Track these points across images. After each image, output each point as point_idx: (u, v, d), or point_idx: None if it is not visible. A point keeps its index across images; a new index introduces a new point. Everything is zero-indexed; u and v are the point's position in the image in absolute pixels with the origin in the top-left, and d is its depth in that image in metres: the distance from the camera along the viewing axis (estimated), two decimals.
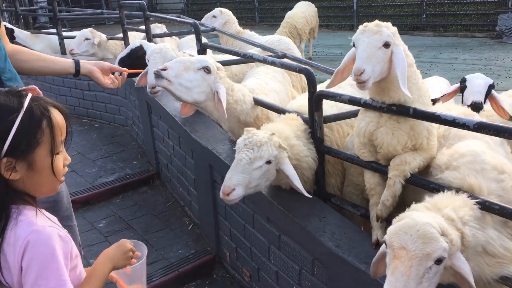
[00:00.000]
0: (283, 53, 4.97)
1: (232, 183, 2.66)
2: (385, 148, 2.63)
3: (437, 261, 1.87)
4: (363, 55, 2.38)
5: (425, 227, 1.89)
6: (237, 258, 4.04)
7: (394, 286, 1.84)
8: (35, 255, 1.53)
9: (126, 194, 5.55)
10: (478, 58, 12.74)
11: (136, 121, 6.48)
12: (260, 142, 2.70)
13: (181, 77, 3.12)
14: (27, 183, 1.61)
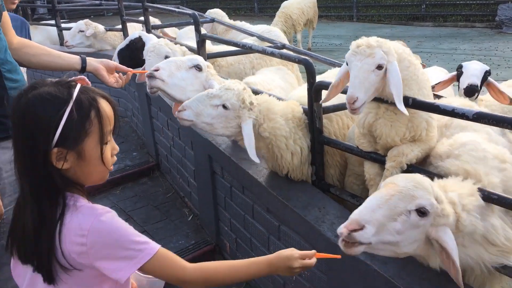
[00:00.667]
0: (282, 43, 4.96)
1: (186, 104, 2.78)
2: (383, 139, 2.64)
3: (419, 211, 1.89)
4: (355, 82, 2.36)
5: (423, 179, 1.96)
6: (237, 248, 4.05)
7: (369, 202, 1.91)
8: (105, 237, 1.58)
9: (126, 185, 5.57)
10: (477, 49, 12.71)
11: (136, 112, 6.47)
12: (228, 87, 2.80)
13: (174, 76, 3.20)
14: (78, 172, 1.64)
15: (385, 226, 1.87)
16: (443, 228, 1.95)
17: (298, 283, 3.21)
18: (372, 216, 1.86)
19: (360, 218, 1.85)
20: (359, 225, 1.84)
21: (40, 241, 1.56)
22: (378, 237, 1.87)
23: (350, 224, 1.85)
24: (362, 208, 1.89)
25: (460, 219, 2.02)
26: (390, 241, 1.91)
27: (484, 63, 3.77)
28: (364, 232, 1.84)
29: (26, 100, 1.56)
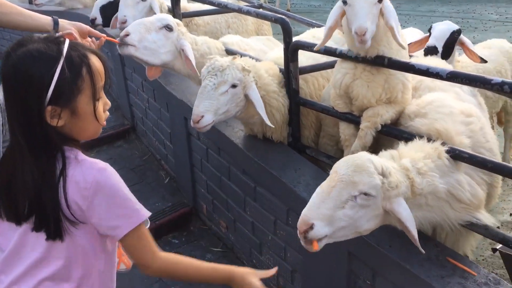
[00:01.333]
0: (259, 3, 4.86)
1: (200, 110, 2.67)
2: (360, 100, 2.64)
3: (364, 194, 1.93)
4: (362, 13, 2.33)
5: (363, 161, 1.97)
6: (213, 210, 4.08)
7: (313, 199, 1.96)
8: (107, 191, 1.59)
9: (100, 148, 5.48)
10: (455, 11, 12.73)
11: (109, 73, 6.32)
12: (222, 67, 2.70)
13: (145, 39, 3.09)
14: (72, 129, 1.63)
15: (335, 216, 1.93)
16: (395, 200, 1.99)
17: (274, 243, 3.26)
18: (318, 212, 1.92)
19: (306, 217, 1.92)
20: (307, 225, 1.91)
21: (42, 196, 1.56)
22: (332, 227, 1.94)
23: (300, 227, 1.93)
24: (307, 207, 1.96)
25: (414, 183, 2.06)
26: (345, 226, 1.97)
27: (461, 26, 3.77)
28: (316, 229, 1.91)
29: (15, 58, 1.53)
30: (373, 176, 1.94)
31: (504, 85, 1.99)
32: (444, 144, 2.22)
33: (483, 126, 2.47)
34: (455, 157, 2.21)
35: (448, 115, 2.37)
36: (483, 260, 3.75)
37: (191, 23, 4.57)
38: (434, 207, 2.16)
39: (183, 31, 3.29)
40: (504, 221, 4.21)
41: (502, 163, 2.22)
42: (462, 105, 2.48)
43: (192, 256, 4.00)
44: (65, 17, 6.96)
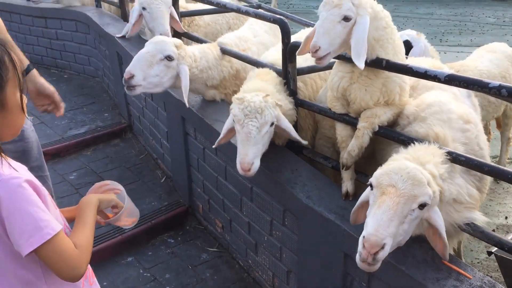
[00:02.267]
0: (258, 3, 4.86)
1: (250, 158, 2.64)
2: (357, 103, 2.64)
3: (420, 205, 1.94)
4: (319, 31, 2.37)
5: (416, 172, 1.96)
6: (209, 209, 4.07)
7: (380, 218, 1.89)
8: (9, 207, 1.50)
9: (97, 146, 5.47)
10: (453, 14, 12.76)
11: (107, 72, 6.30)
12: (260, 109, 2.67)
13: (149, 76, 3.18)
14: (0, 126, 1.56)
15: (397, 233, 1.93)
16: (433, 208, 2.01)
17: (270, 243, 3.26)
18: (388, 232, 1.88)
19: (379, 239, 1.86)
20: (380, 245, 1.86)
21: None
22: (391, 243, 1.92)
23: (372, 249, 1.85)
24: (376, 227, 1.88)
25: (442, 191, 2.07)
26: (398, 241, 1.98)
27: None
28: (385, 250, 1.88)
29: None
30: (427, 186, 1.96)
31: (501, 89, 2.00)
32: (441, 148, 2.24)
33: (478, 134, 2.50)
34: (453, 161, 2.23)
35: (446, 122, 2.39)
36: (478, 263, 3.76)
37: (192, 24, 4.57)
38: (442, 211, 2.15)
39: (183, 54, 3.30)
40: (500, 224, 4.22)
41: (498, 166, 2.23)
42: (461, 110, 2.49)
43: (187, 256, 4.01)
44: (63, 15, 6.94)
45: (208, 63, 3.50)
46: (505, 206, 4.47)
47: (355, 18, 2.39)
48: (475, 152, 2.40)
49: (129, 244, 3.96)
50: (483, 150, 2.48)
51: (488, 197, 4.55)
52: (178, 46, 3.30)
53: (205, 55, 3.50)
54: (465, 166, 2.23)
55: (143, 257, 3.90)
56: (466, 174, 2.32)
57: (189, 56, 3.36)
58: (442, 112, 2.43)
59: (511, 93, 1.98)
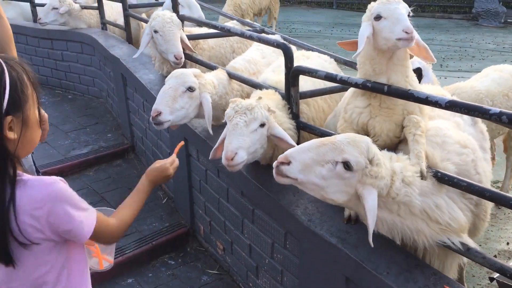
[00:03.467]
0: (261, 28, 4.94)
1: (234, 146, 2.64)
2: (385, 135, 2.63)
3: (345, 164, 2.09)
4: (404, 18, 2.49)
5: (361, 140, 2.15)
6: (211, 231, 4.07)
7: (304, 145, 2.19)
8: (64, 200, 1.63)
9: (99, 167, 5.49)
10: (454, 40, 12.89)
11: (111, 93, 6.37)
12: (250, 105, 2.74)
13: (175, 110, 3.22)
14: (21, 141, 1.61)
15: (311, 168, 2.10)
16: (369, 187, 2.11)
17: (271, 266, 3.25)
18: (300, 156, 2.11)
19: (288, 154, 2.13)
20: (286, 159, 2.11)
21: None
22: (304, 176, 2.11)
23: (279, 158, 2.13)
24: (294, 148, 2.20)
25: (393, 185, 2.15)
26: (315, 183, 2.13)
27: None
28: (290, 167, 2.11)
29: None
30: (362, 154, 2.09)
31: (502, 115, 2.02)
32: (428, 167, 2.31)
33: (476, 159, 2.51)
34: (439, 180, 2.29)
35: (440, 144, 2.44)
36: None
37: (197, 47, 4.63)
38: (407, 219, 2.22)
39: (203, 82, 3.35)
40: (501, 250, 4.20)
41: (486, 187, 2.25)
42: (459, 136, 2.52)
43: (188, 278, 3.98)
44: (69, 36, 7.05)
45: (226, 89, 3.55)
46: (507, 232, 4.46)
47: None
48: (471, 176, 2.41)
49: (130, 265, 3.95)
50: (480, 175, 2.49)
51: (489, 222, 4.54)
52: (198, 76, 3.35)
53: (222, 81, 3.55)
54: (450, 185, 2.27)
55: (143, 278, 3.89)
56: (459, 197, 2.34)
57: (209, 84, 3.41)
58: (437, 136, 2.48)
59: (511, 120, 2.01)
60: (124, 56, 5.56)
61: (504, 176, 5.03)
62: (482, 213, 2.54)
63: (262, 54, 4.09)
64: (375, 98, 2.62)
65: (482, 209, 2.53)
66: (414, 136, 2.48)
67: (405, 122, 2.59)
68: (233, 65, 3.81)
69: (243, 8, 10.25)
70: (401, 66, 2.53)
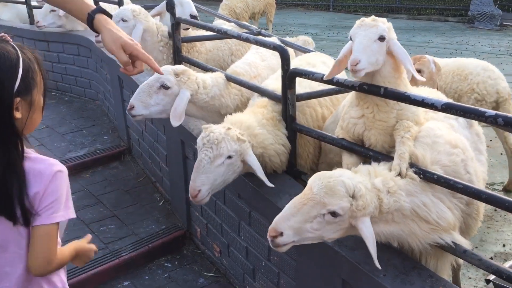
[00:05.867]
0: (258, 30, 4.94)
1: (196, 185, 2.73)
2: (380, 145, 2.68)
3: (332, 213, 2.10)
4: (359, 47, 2.48)
5: (336, 183, 2.13)
6: (207, 234, 4.06)
7: (284, 211, 2.18)
8: (58, 186, 1.77)
9: (96, 169, 5.48)
10: (450, 42, 12.94)
11: (108, 95, 6.36)
12: (217, 140, 2.72)
13: (149, 105, 3.32)
14: (26, 121, 1.76)
15: (302, 228, 2.14)
16: (361, 219, 2.14)
17: (268, 269, 3.24)
18: (287, 224, 2.14)
19: (276, 226, 2.15)
20: (277, 232, 2.14)
21: (8, 186, 1.67)
22: (299, 237, 2.16)
23: (270, 231, 2.16)
24: (279, 216, 2.18)
25: (382, 203, 2.19)
26: (311, 237, 2.19)
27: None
28: (284, 237, 2.14)
29: None
30: (343, 199, 2.11)
31: (498, 117, 2.02)
32: (412, 166, 2.35)
33: (467, 159, 2.52)
34: (424, 179, 2.31)
35: (430, 145, 2.46)
36: None
37: (193, 50, 4.62)
38: (401, 223, 2.26)
39: (184, 79, 3.35)
40: (497, 252, 4.21)
41: (471, 186, 2.26)
42: (450, 136, 2.54)
43: (184, 281, 3.98)
44: (65, 39, 7.04)
45: (221, 91, 3.54)
46: (503, 234, 4.47)
47: (388, 41, 2.54)
48: (460, 175, 2.42)
49: (126, 268, 3.94)
50: (470, 175, 2.50)
51: (485, 224, 4.55)
52: (179, 73, 3.35)
53: (217, 83, 3.54)
54: (436, 184, 2.30)
55: (139, 281, 3.88)
56: (448, 196, 2.35)
57: (196, 82, 3.40)
58: (427, 137, 2.50)
59: (507, 122, 2.01)
60: None
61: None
62: (474, 212, 2.55)
63: (261, 57, 4.09)
64: (368, 109, 2.65)
65: (474, 208, 2.54)
66: (401, 138, 2.53)
67: (396, 125, 2.62)
68: (235, 69, 3.80)
69: (237, 12, 10.26)
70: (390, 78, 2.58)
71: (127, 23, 4.25)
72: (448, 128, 2.67)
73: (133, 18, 4.26)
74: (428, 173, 2.31)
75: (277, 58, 3.89)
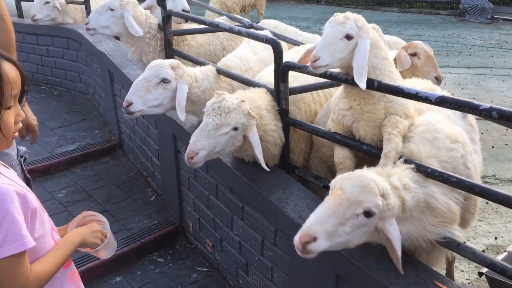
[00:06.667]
0: (250, 23, 4.90)
1: (196, 147, 2.66)
2: (369, 137, 2.67)
3: (366, 213, 2.00)
4: (321, 43, 2.46)
5: (369, 181, 2.04)
6: (200, 228, 4.04)
7: (319, 213, 2.00)
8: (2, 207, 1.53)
9: (86, 164, 5.42)
10: (441, 36, 12.98)
11: (98, 89, 6.30)
12: (228, 108, 2.69)
13: (148, 101, 3.21)
14: None
15: (336, 232, 2.00)
16: (388, 220, 2.06)
17: (261, 263, 3.23)
18: (322, 227, 1.97)
19: (311, 231, 1.97)
20: (311, 237, 1.96)
21: None
22: (331, 243, 2.00)
23: (303, 237, 1.96)
24: (312, 220, 2.00)
25: (404, 201, 2.12)
26: (341, 242, 2.04)
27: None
28: (317, 243, 1.96)
29: None
30: (377, 197, 2.01)
31: (492, 111, 2.02)
32: (406, 161, 2.33)
33: (466, 153, 2.52)
34: (429, 176, 2.30)
35: (431, 140, 2.44)
36: (469, 283, 3.76)
37: (183, 43, 4.57)
38: (415, 218, 2.22)
39: (180, 73, 3.30)
40: (489, 244, 4.23)
41: (465, 179, 2.26)
42: (449, 130, 2.52)
43: (177, 276, 3.95)
44: (55, 32, 6.94)
45: (211, 85, 3.50)
46: (495, 227, 4.49)
47: (357, 39, 2.48)
48: (460, 171, 2.43)
49: (118, 263, 3.91)
50: (469, 170, 2.50)
51: (477, 217, 4.57)
52: (175, 67, 3.31)
53: (207, 77, 3.51)
54: (431, 178, 2.29)
55: (132, 276, 3.85)
56: (448, 190, 2.34)
57: (189, 76, 3.36)
58: (428, 132, 2.48)
59: (501, 115, 2.00)
60: (111, 51, 5.49)
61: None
62: (471, 206, 2.56)
63: (253, 50, 4.05)
64: (355, 101, 2.65)
65: (472, 202, 2.55)
66: (389, 135, 2.52)
67: (384, 121, 2.62)
68: (226, 62, 3.76)
69: (228, 5, 10.19)
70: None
71: (115, 12, 4.22)
72: (447, 120, 2.66)
73: (120, 7, 4.22)
74: (422, 167, 2.30)
75: (269, 52, 3.87)
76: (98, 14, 4.27)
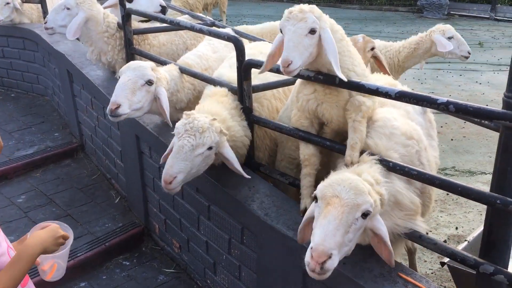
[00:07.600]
0: (212, 21, 4.86)
1: (174, 171, 2.61)
2: (335, 120, 2.63)
3: (363, 214, 1.99)
4: (289, 45, 2.36)
5: (357, 182, 2.03)
6: (166, 229, 3.99)
7: (327, 227, 1.91)
8: None
9: (47, 167, 5.27)
10: (400, 32, 13.25)
11: (57, 90, 6.12)
12: (202, 128, 2.65)
13: (133, 103, 3.15)
14: None
15: (343, 242, 1.95)
16: (375, 217, 2.07)
17: (228, 262, 3.22)
18: (335, 241, 1.90)
19: (326, 248, 1.87)
20: (327, 255, 1.86)
21: None
22: (340, 254, 1.95)
23: (319, 257, 1.85)
24: (322, 235, 1.90)
25: (382, 195, 2.13)
26: (345, 251, 2.00)
27: None
28: (332, 260, 1.88)
29: None
30: (368, 195, 2.01)
31: (449, 104, 2.07)
32: (369, 154, 2.36)
33: (421, 150, 2.58)
34: (389, 169, 2.34)
35: (388, 136, 2.48)
36: (432, 273, 3.86)
37: (144, 43, 4.49)
38: (386, 213, 2.24)
39: (159, 76, 3.26)
40: (451, 234, 4.36)
41: (425, 172, 2.31)
42: (406, 127, 2.57)
43: (144, 278, 3.89)
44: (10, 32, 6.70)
45: (177, 86, 3.47)
46: (455, 217, 4.63)
47: (319, 31, 2.41)
48: (415, 166, 2.48)
49: (82, 268, 3.81)
50: (423, 165, 2.57)
51: (438, 208, 4.70)
52: (154, 69, 3.26)
53: (174, 77, 3.47)
54: (393, 172, 2.33)
55: (97, 281, 3.77)
56: (408, 184, 2.39)
57: (164, 78, 3.32)
58: (385, 127, 2.52)
59: (458, 109, 2.06)
60: (69, 51, 5.35)
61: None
62: (427, 200, 2.63)
63: (213, 48, 4.01)
64: (319, 84, 2.61)
65: (427, 196, 2.61)
66: (353, 122, 2.50)
67: (347, 105, 2.56)
68: (186, 61, 3.70)
69: (190, 3, 10.10)
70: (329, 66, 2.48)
71: (71, 11, 4.14)
72: (404, 117, 2.71)
73: (76, 6, 4.12)
74: (384, 161, 2.34)
75: (230, 50, 3.85)
76: (56, 13, 4.17)
